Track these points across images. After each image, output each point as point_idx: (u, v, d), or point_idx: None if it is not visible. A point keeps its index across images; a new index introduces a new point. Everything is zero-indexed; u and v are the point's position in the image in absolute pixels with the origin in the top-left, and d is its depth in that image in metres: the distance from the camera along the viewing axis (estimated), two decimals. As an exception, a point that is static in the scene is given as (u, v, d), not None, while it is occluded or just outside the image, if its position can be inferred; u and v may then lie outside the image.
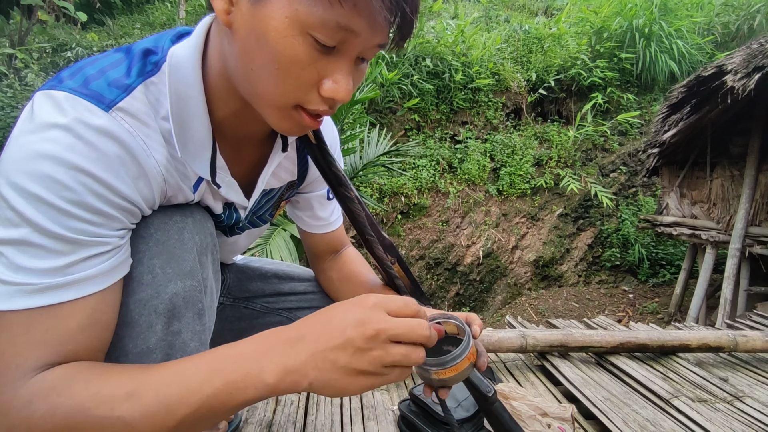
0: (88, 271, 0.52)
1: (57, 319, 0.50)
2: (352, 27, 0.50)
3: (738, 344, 1.99)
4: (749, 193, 4.62)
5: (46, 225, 0.48)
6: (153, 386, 0.50)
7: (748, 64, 3.65)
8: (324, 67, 0.53)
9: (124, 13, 8.12)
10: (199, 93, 0.60)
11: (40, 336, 0.49)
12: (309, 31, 0.50)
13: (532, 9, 9.51)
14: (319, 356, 0.51)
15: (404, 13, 0.50)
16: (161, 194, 0.62)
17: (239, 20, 0.52)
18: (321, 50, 0.51)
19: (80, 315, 0.52)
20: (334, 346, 0.51)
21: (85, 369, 0.52)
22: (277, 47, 0.50)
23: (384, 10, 0.48)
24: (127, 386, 0.50)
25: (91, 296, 0.52)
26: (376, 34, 0.53)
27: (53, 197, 0.48)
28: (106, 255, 0.54)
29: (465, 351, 0.62)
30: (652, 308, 5.60)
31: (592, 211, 6.66)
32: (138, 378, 0.51)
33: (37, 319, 0.49)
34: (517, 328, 2.16)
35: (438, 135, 6.27)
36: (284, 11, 0.49)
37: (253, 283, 1.03)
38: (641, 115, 6.92)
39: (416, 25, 0.55)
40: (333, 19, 0.49)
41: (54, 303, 0.50)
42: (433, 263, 5.86)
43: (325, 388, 0.51)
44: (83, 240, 0.51)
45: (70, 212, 0.49)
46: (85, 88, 0.52)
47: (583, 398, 1.59)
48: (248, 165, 0.76)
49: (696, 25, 7.35)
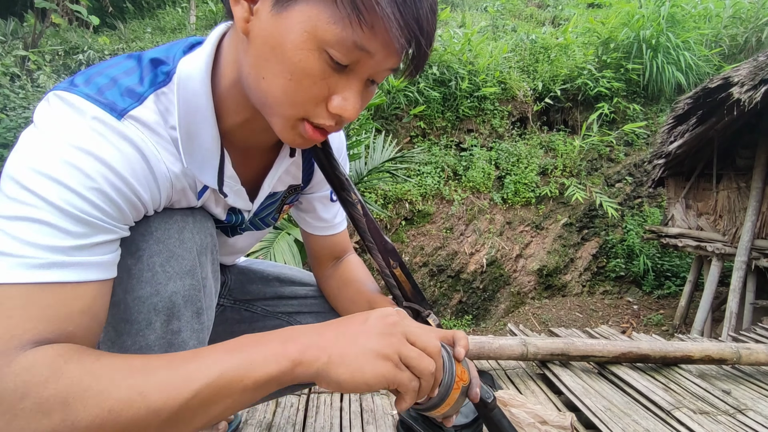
0: (94, 257, 0.52)
1: (60, 298, 0.49)
2: (367, 48, 0.51)
3: (741, 357, 1.98)
4: (756, 205, 4.59)
5: (61, 205, 0.48)
6: (167, 360, 0.49)
7: (754, 77, 3.64)
8: (335, 83, 0.55)
9: (136, 18, 8.23)
10: (207, 103, 0.61)
11: (41, 311, 0.47)
12: (325, 48, 0.51)
13: (539, 19, 9.54)
14: (341, 334, 0.54)
15: (419, 43, 0.52)
16: (167, 198, 0.63)
17: (257, 29, 0.53)
18: (334, 67, 0.53)
19: (83, 299, 0.51)
20: (357, 328, 0.55)
21: (91, 349, 0.51)
22: (293, 59, 0.52)
23: (401, 38, 0.50)
24: (140, 360, 0.49)
25: (93, 283, 0.52)
26: (390, 58, 0.54)
27: (72, 181, 0.49)
28: (111, 246, 0.55)
29: (450, 385, 0.61)
30: (657, 320, 5.55)
31: (597, 221, 6.64)
32: (151, 356, 0.51)
33: (38, 294, 0.47)
34: (519, 335, 2.15)
35: (443, 142, 6.28)
36: (304, 25, 0.50)
37: (254, 285, 1.03)
38: (648, 125, 6.91)
39: (429, 56, 0.57)
40: (350, 38, 0.50)
41: (56, 281, 0.48)
42: (437, 270, 5.85)
43: (342, 364, 0.52)
44: (94, 223, 0.51)
45: (85, 197, 0.49)
46: (99, 95, 0.54)
47: (584, 407, 1.58)
48: (254, 170, 0.77)
49: (703, 37, 7.35)
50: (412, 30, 0.50)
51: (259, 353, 0.51)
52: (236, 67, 0.60)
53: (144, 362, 0.49)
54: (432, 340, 0.58)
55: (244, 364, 0.50)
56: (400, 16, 0.49)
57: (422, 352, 0.56)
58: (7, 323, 0.46)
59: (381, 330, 0.54)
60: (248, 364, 0.50)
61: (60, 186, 0.48)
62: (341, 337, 0.54)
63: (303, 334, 0.54)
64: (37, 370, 0.44)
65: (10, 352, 0.45)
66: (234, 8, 0.55)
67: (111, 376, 0.46)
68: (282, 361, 0.50)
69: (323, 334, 0.55)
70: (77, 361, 0.46)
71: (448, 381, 0.61)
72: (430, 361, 0.56)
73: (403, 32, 0.50)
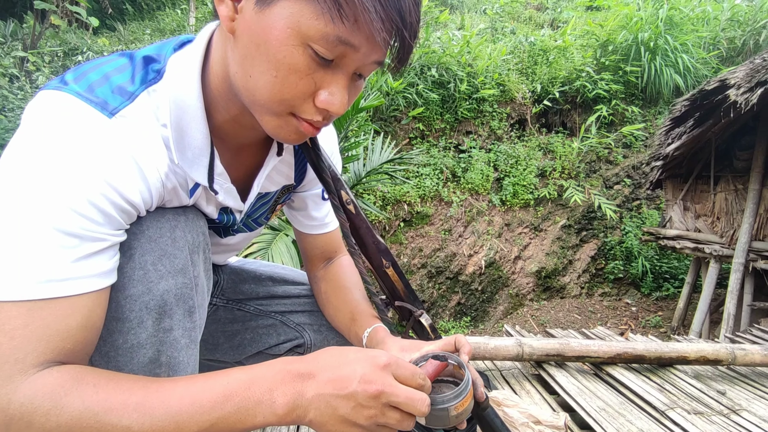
0: (91, 269, 0.53)
1: (58, 315, 0.51)
2: (351, 42, 0.52)
3: (736, 357, 1.98)
4: (753, 207, 4.60)
5: (51, 220, 0.49)
6: (164, 400, 0.51)
7: (751, 79, 3.66)
8: (321, 78, 0.55)
9: (135, 19, 8.24)
10: (197, 100, 0.61)
11: (41, 331, 0.49)
12: (309, 43, 0.51)
13: (538, 21, 9.56)
14: (323, 399, 0.54)
15: (403, 36, 0.53)
16: (159, 198, 0.64)
17: (242, 27, 0.54)
18: (319, 62, 0.53)
19: (80, 314, 0.52)
20: (338, 395, 0.53)
21: (91, 372, 0.53)
22: (277, 55, 0.52)
23: (383, 31, 0.50)
24: (137, 395, 0.51)
25: (88, 295, 0.53)
26: (374, 51, 0.55)
27: (61, 194, 0.49)
28: (108, 253, 0.56)
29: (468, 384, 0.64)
30: (655, 322, 5.55)
31: (595, 222, 6.64)
32: (149, 388, 0.52)
33: (38, 312, 0.49)
34: (514, 336, 2.16)
35: (442, 144, 6.29)
36: (287, 22, 0.50)
37: (247, 285, 1.04)
38: (646, 127, 6.92)
39: (415, 50, 0.57)
40: (333, 33, 0.51)
41: (55, 296, 0.50)
42: (435, 272, 5.85)
43: (322, 427, 0.54)
44: (87, 235, 0.52)
45: (75, 209, 0.50)
46: (90, 93, 0.54)
47: (578, 408, 1.59)
48: (245, 169, 0.77)
49: (701, 40, 7.36)
50: (394, 22, 0.51)
51: (252, 400, 0.53)
52: (224, 64, 0.60)
53: (141, 400, 0.51)
54: (416, 404, 0.55)
55: (237, 413, 0.53)
56: (381, 9, 0.49)
57: (404, 415, 0.55)
58: (10, 345, 0.48)
59: (362, 401, 0.53)
60: (242, 415, 0.53)
61: (50, 199, 0.49)
62: (322, 402, 0.54)
63: (290, 386, 0.54)
64: (39, 401, 0.48)
65: (15, 378, 0.48)
66: (219, 7, 0.55)
67: (108, 418, 0.49)
68: (269, 416, 0.53)
69: (308, 389, 0.54)
70: (77, 395, 0.49)
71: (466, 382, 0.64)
72: (409, 424, 0.56)
73: (385, 25, 0.50)
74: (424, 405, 0.55)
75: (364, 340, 0.82)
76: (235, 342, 1.01)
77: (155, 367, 0.62)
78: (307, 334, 1.02)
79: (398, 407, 0.54)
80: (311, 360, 0.57)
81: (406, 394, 0.54)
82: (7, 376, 0.48)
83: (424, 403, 0.55)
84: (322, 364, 0.56)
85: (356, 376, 0.54)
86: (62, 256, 0.50)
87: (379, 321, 0.85)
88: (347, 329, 0.90)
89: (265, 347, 1.01)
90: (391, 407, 0.54)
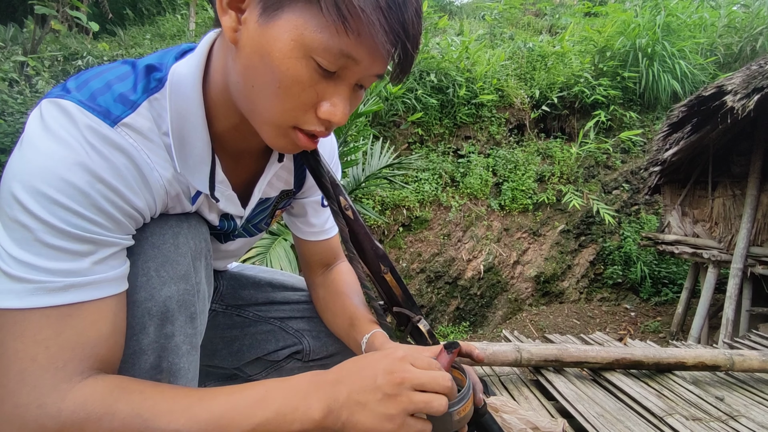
0: (107, 272, 0.54)
1: (87, 321, 0.52)
2: (354, 55, 0.53)
3: (735, 363, 1.98)
4: (751, 212, 4.61)
5: (62, 226, 0.50)
6: (207, 406, 0.54)
7: (747, 85, 3.67)
8: (323, 90, 0.56)
9: (136, 24, 8.28)
10: (198, 109, 0.62)
11: (74, 339, 0.51)
12: (312, 55, 0.52)
13: (536, 27, 9.62)
14: (353, 399, 0.56)
15: (405, 48, 0.53)
16: (162, 205, 0.64)
17: (245, 38, 0.54)
18: (322, 74, 0.54)
19: (107, 318, 0.54)
20: (366, 390, 0.56)
21: (134, 380, 0.55)
22: (281, 67, 0.53)
23: (387, 44, 0.51)
24: (183, 402, 0.53)
25: (111, 299, 0.55)
26: (376, 64, 0.55)
27: (68, 200, 0.50)
28: (119, 257, 0.56)
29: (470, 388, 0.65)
30: (654, 327, 5.55)
31: (594, 227, 6.65)
32: (192, 396, 0.55)
33: (67, 321, 0.50)
34: (512, 342, 2.16)
35: (441, 149, 6.31)
36: (291, 34, 0.51)
37: (246, 290, 1.03)
38: (644, 133, 6.95)
39: (416, 60, 0.58)
40: (336, 46, 0.51)
41: (76, 301, 0.51)
42: (434, 277, 5.84)
43: (356, 427, 0.56)
44: (98, 240, 0.53)
45: (83, 214, 0.51)
46: (92, 101, 0.54)
47: (577, 414, 1.59)
48: (246, 175, 0.78)
49: (699, 46, 7.41)
50: (398, 35, 0.51)
51: (289, 406, 0.56)
52: (225, 73, 0.61)
53: (186, 407, 0.53)
54: (440, 381, 0.57)
55: (276, 419, 0.55)
56: (385, 22, 0.50)
57: (432, 395, 0.57)
58: (46, 354, 0.49)
59: (388, 391, 0.55)
60: (280, 420, 0.55)
61: (57, 206, 0.50)
62: (353, 401, 0.56)
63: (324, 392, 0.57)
64: (90, 407, 0.49)
65: (61, 387, 0.49)
66: (222, 18, 0.56)
67: (157, 423, 0.51)
68: (306, 421, 0.55)
69: (340, 392, 0.57)
70: (126, 400, 0.51)
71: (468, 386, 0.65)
72: (440, 403, 0.57)
73: (389, 38, 0.51)
74: (447, 381, 0.57)
75: (362, 345, 0.83)
76: (234, 348, 1.01)
77: (156, 373, 0.62)
78: (306, 341, 1.02)
79: (424, 389, 0.57)
80: (337, 369, 0.61)
81: (428, 374, 0.57)
82: (52, 385, 0.49)
83: (447, 378, 0.58)
84: (346, 370, 0.60)
85: (379, 370, 0.57)
86: (81, 261, 0.51)
87: (377, 326, 0.85)
88: (346, 335, 0.90)
89: (263, 353, 1.01)
90: (416, 391, 0.56)
